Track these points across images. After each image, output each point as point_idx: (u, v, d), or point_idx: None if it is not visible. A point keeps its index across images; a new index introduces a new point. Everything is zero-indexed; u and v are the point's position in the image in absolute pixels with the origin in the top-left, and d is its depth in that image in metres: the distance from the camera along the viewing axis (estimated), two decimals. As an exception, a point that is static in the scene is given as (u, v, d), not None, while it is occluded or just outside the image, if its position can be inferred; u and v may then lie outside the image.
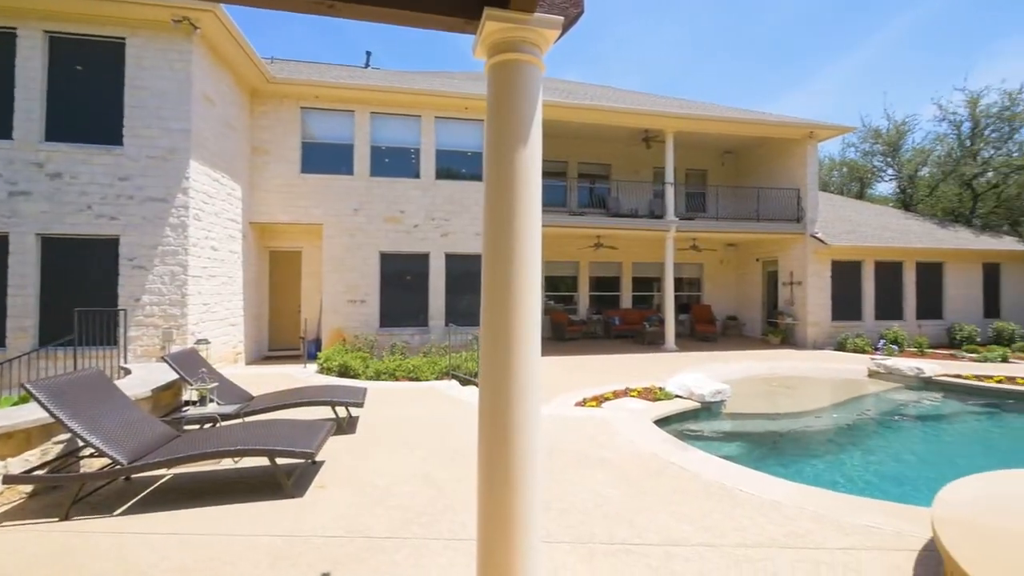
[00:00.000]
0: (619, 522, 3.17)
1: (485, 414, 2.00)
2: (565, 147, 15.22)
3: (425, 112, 11.08)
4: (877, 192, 25.07)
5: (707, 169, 16.41)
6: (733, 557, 2.78)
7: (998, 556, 2.21)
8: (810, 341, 12.66)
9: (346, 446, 4.68)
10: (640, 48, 67.42)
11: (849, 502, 3.53)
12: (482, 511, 1.98)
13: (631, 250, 15.31)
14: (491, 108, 2.11)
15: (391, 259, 10.91)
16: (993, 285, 14.12)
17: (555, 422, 5.59)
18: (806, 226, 13.00)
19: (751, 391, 8.43)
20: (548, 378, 8.49)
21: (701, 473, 3.96)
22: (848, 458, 5.82)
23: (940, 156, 20.30)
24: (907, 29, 48.00)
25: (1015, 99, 17.42)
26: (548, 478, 3.91)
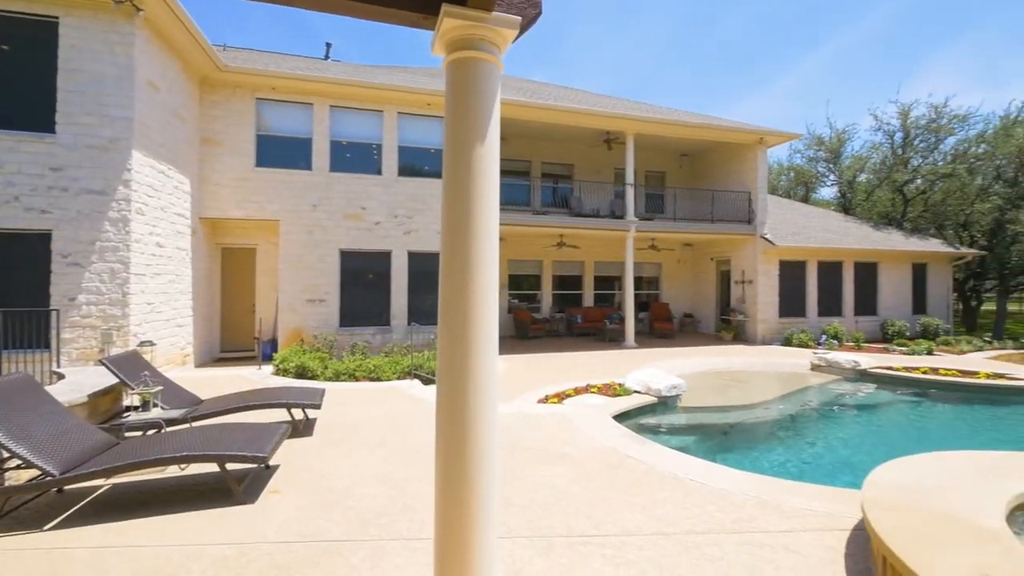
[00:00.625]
0: (578, 515, 3.25)
1: (443, 412, 2.00)
2: (529, 147, 15.32)
3: (387, 107, 10.88)
4: (820, 196, 26.67)
5: (665, 171, 16.93)
6: (684, 544, 2.90)
7: (914, 530, 2.42)
8: (759, 337, 13.32)
9: (302, 449, 4.55)
10: (604, 51, 68.84)
11: (791, 488, 3.75)
12: (439, 510, 1.99)
13: (593, 249, 15.60)
14: (449, 105, 2.11)
15: (352, 257, 10.66)
16: (921, 284, 15.31)
17: (518, 419, 5.64)
18: (756, 227, 13.66)
19: (705, 385, 8.79)
20: (512, 376, 8.54)
21: (656, 465, 4.11)
22: (792, 446, 6.17)
23: (876, 163, 21.82)
24: (850, 43, 51.42)
25: (940, 112, 18.98)
26: (510, 475, 3.95)
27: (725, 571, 2.63)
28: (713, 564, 2.69)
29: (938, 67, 51.77)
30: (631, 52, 68.40)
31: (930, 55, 53.53)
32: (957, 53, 51.79)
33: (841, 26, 57.89)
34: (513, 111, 11.73)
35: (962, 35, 51.39)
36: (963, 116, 18.89)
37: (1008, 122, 17.55)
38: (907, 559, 2.15)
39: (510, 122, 12.78)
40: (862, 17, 54.48)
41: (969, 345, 12.20)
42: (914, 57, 53.66)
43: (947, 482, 2.97)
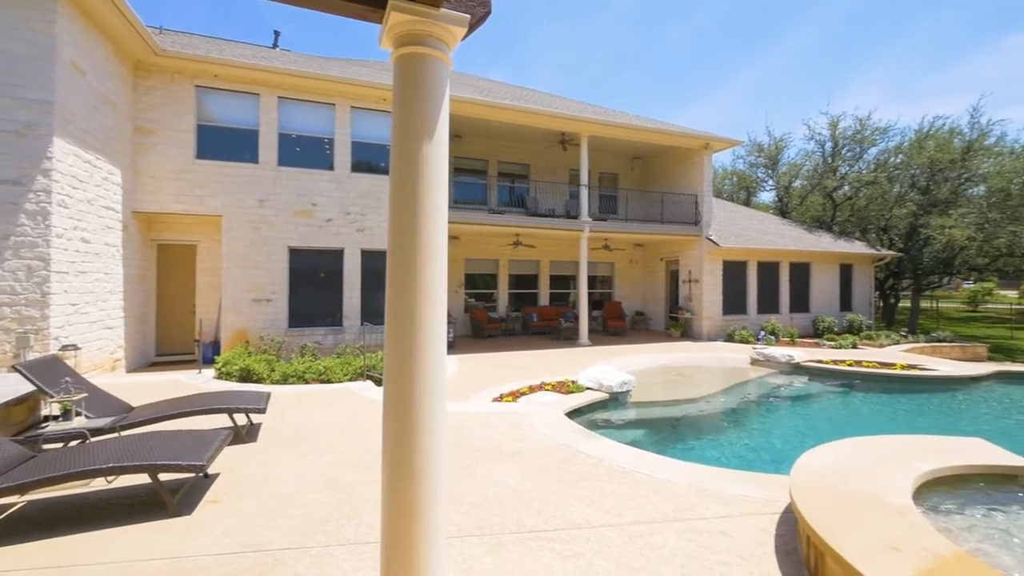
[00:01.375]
0: (528, 511, 3.30)
1: (389, 413, 1.99)
2: (486, 146, 15.31)
3: (340, 101, 10.55)
4: (761, 200, 28.33)
5: (618, 173, 17.41)
6: (629, 534, 3.02)
7: (834, 509, 2.63)
8: (705, 333, 13.98)
9: (245, 455, 4.35)
10: (560, 52, 70.08)
11: (729, 476, 3.98)
12: (386, 512, 1.97)
13: (548, 249, 15.81)
14: (397, 101, 2.09)
15: (301, 255, 10.27)
16: (847, 282, 16.58)
17: (472, 418, 5.65)
18: (702, 229, 14.31)
19: (654, 381, 9.14)
20: (467, 375, 8.53)
21: (605, 459, 4.24)
22: (733, 437, 6.54)
23: (809, 171, 23.44)
24: (788, 57, 54.87)
25: (864, 124, 20.65)
26: (463, 473, 3.95)
27: (667, 558, 2.76)
28: (656, 552, 2.81)
29: (863, 83, 56.36)
30: (586, 55, 70.10)
31: (857, 71, 58.21)
32: (880, 71, 56.49)
33: (780, 41, 61.86)
34: (470, 109, 11.69)
35: (884, 55, 56.09)
36: (884, 128, 20.64)
37: (921, 135, 19.33)
38: (826, 536, 2.35)
39: (467, 120, 12.74)
40: (797, 34, 58.34)
41: (888, 339, 13.34)
42: (844, 73, 58.19)
43: (864, 465, 3.25)
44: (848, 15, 65.75)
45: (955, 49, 58.78)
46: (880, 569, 2.07)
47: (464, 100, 11.26)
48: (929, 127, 19.30)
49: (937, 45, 57.10)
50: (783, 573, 2.62)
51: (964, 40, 60.78)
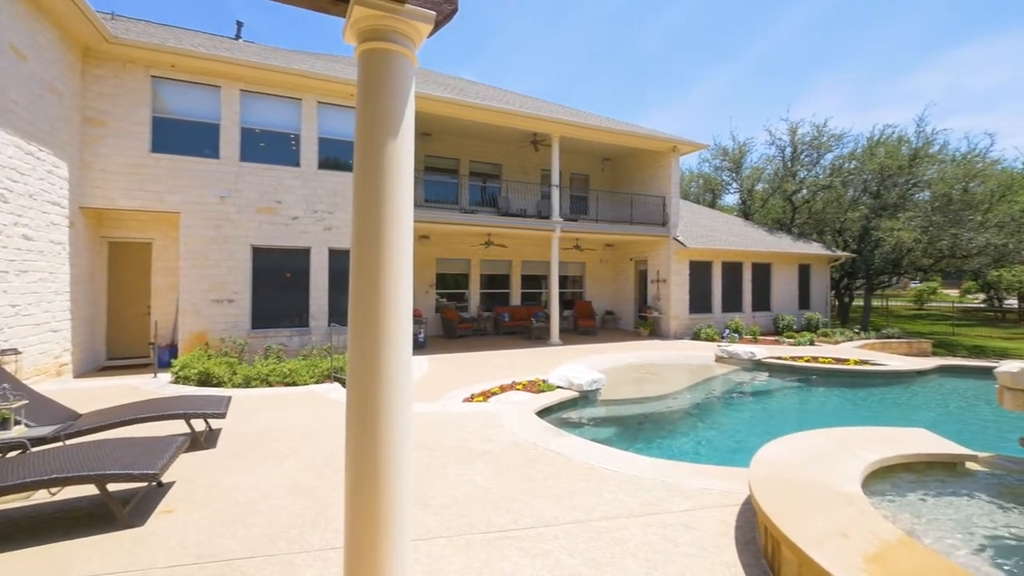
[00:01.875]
0: (497, 510, 3.30)
1: (353, 416, 1.95)
2: (458, 145, 15.22)
3: (306, 96, 10.27)
4: (725, 202, 29.26)
5: (589, 174, 17.63)
6: (596, 530, 3.06)
7: (789, 499, 2.75)
8: (672, 332, 14.33)
9: (204, 462, 4.18)
10: (534, 54, 70.54)
11: (693, 470, 4.09)
12: (349, 516, 1.93)
13: (520, 249, 15.86)
14: (361, 98, 2.06)
15: (266, 254, 9.94)
16: (805, 282, 17.32)
17: (442, 419, 5.61)
18: (670, 230, 14.66)
19: (623, 379, 9.29)
20: (438, 375, 8.46)
21: (574, 457, 4.29)
22: (698, 432, 6.73)
23: (770, 175, 24.39)
24: (750, 65, 56.86)
25: (821, 131, 21.65)
26: (432, 474, 3.91)
27: (632, 552, 2.81)
28: (621, 546, 2.86)
29: (821, 91, 59.11)
30: (557, 57, 71.00)
31: (815, 80, 61.03)
32: (836, 80, 59.34)
33: (745, 49, 64.24)
34: (440, 108, 11.59)
35: (840, 65, 58.94)
36: (839, 135, 21.66)
37: (872, 143, 20.37)
38: (781, 525, 2.44)
39: (438, 119, 12.63)
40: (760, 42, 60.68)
41: (843, 336, 14.01)
42: (803, 81, 60.91)
43: (817, 456, 3.40)
44: (808, 25, 70.29)
45: (905, 61, 63.12)
46: (830, 555, 2.17)
47: (435, 98, 11.16)
48: (880, 135, 20.38)
49: (889, 57, 61.81)
50: (742, 562, 2.72)
51: (913, 53, 65.29)
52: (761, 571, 2.64)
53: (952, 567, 2.15)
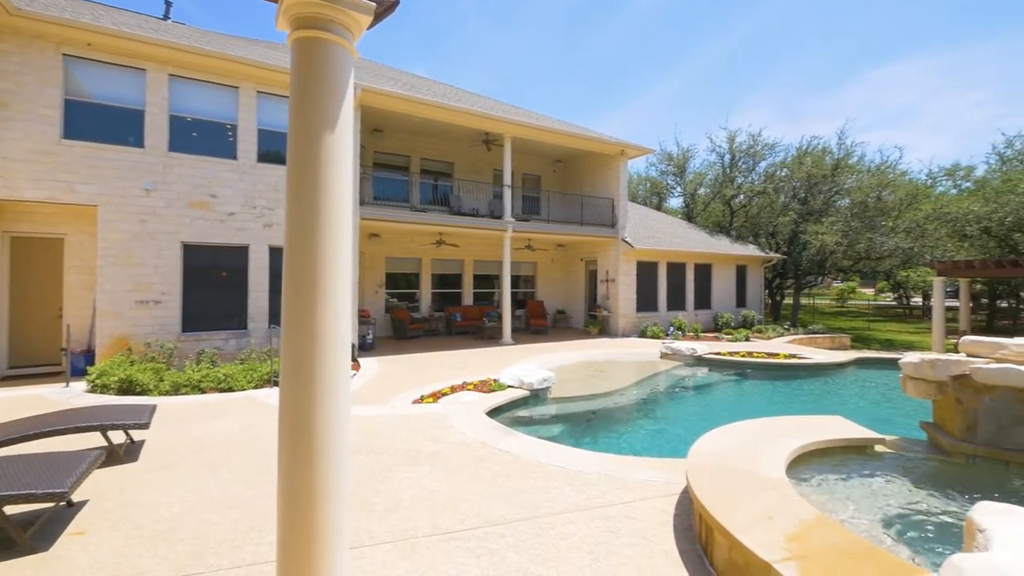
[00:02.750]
0: (444, 512, 3.26)
1: (286, 421, 1.86)
2: (409, 142, 14.94)
3: (244, 84, 9.70)
4: (671, 205, 30.56)
5: (541, 175, 17.84)
6: (542, 526, 3.10)
7: (720, 487, 2.90)
8: (621, 330, 14.78)
9: (123, 478, 3.85)
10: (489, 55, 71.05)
11: (637, 463, 4.24)
12: (283, 526, 1.84)
13: (472, 248, 15.80)
14: (295, 88, 1.97)
15: (198, 252, 9.29)
16: (742, 282, 18.41)
17: (391, 421, 5.48)
18: (619, 231, 15.11)
19: (573, 376, 9.47)
20: (388, 377, 8.26)
21: (522, 455, 4.32)
22: (643, 425, 6.98)
23: (711, 180, 25.74)
24: (695, 74, 59.97)
25: (756, 140, 23.13)
26: (377, 478, 3.81)
27: (576, 545, 2.86)
28: (566, 540, 2.91)
29: (757, 102, 63.47)
30: (512, 58, 71.99)
31: (751, 91, 65.48)
32: (769, 92, 63.79)
33: (688, 59, 67.93)
34: (391, 103, 11.32)
35: (773, 79, 63.44)
36: (771, 145, 23.20)
37: (801, 153, 22.00)
38: (713, 512, 2.57)
39: (388, 115, 12.33)
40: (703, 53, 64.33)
41: (775, 332, 15.01)
42: (741, 91, 65.21)
43: (747, 445, 3.61)
44: (748, 39, 76.82)
45: (830, 77, 69.89)
46: (756, 537, 2.31)
47: (385, 94, 10.89)
48: (807, 146, 22.02)
49: (816, 73, 68.42)
50: (679, 549, 2.84)
51: (837, 70, 72.37)
52: (697, 556, 2.77)
53: (859, 540, 2.35)
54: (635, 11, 77.23)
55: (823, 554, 2.22)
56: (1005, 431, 3.64)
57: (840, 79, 76.18)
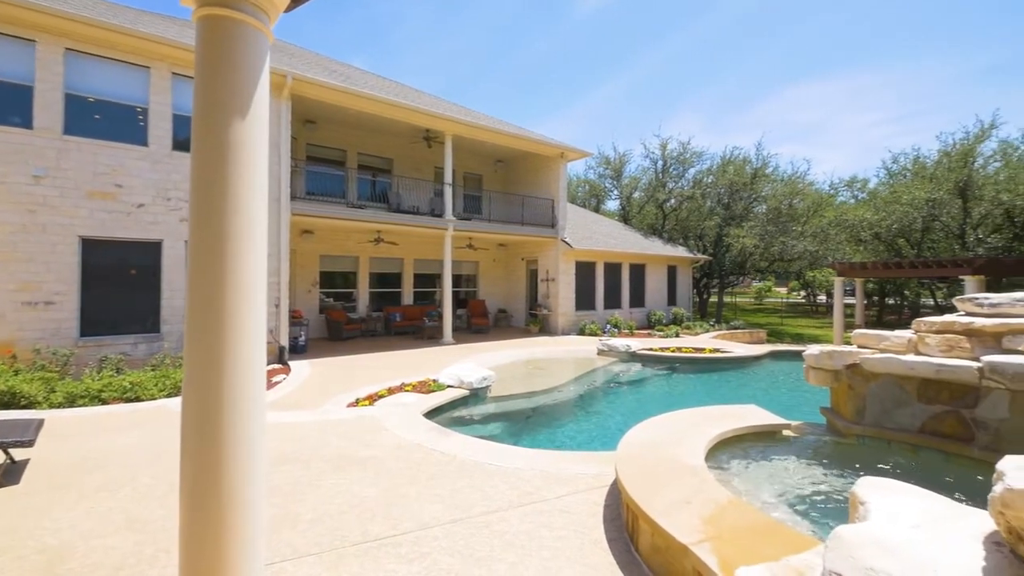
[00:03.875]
0: (375, 518, 3.17)
1: (190, 431, 1.71)
2: (345, 135, 14.35)
3: (158, 64, 8.85)
4: (608, 207, 31.70)
5: (482, 174, 17.83)
6: (476, 525, 3.09)
7: (644, 475, 3.04)
8: (560, 328, 15.12)
9: (1, 503, 3.38)
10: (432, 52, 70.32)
11: (570, 457, 4.35)
12: (186, 548, 1.69)
13: (412, 247, 15.49)
14: (199, 70, 1.82)
15: (101, 247, 8.36)
16: (673, 281, 19.47)
17: (322, 427, 5.23)
18: (558, 232, 15.45)
19: (513, 374, 9.56)
20: (321, 380, 7.90)
21: (458, 455, 4.29)
22: (580, 420, 7.18)
23: (645, 184, 26.98)
24: (632, 82, 62.72)
25: (686, 148, 24.56)
26: (305, 487, 3.62)
27: (510, 542, 2.89)
28: (500, 538, 2.93)
29: (687, 112, 67.61)
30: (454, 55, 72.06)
31: (682, 102, 69.69)
32: (698, 104, 68.15)
33: (627, 68, 71.29)
34: (327, 95, 10.82)
35: (701, 91, 67.84)
36: (699, 153, 24.72)
37: (724, 161, 23.65)
38: (637, 500, 2.69)
39: (324, 106, 11.77)
40: (640, 62, 67.73)
41: (701, 328, 16.01)
42: (673, 102, 69.27)
43: (671, 435, 3.82)
44: (681, 54, 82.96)
45: (750, 93, 76.52)
46: (675, 521, 2.45)
47: (318, 83, 10.39)
48: (730, 155, 23.69)
49: (738, 88, 75.15)
50: (608, 537, 2.95)
51: (756, 87, 79.25)
52: (624, 544, 2.89)
53: (766, 518, 2.56)
54: (575, 19, 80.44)
55: (734, 533, 2.39)
56: (888, 413, 4.11)
57: (758, 96, 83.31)
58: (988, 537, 1.58)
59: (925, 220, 17.85)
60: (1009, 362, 3.37)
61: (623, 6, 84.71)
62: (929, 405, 3.90)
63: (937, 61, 79.09)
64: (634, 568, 2.65)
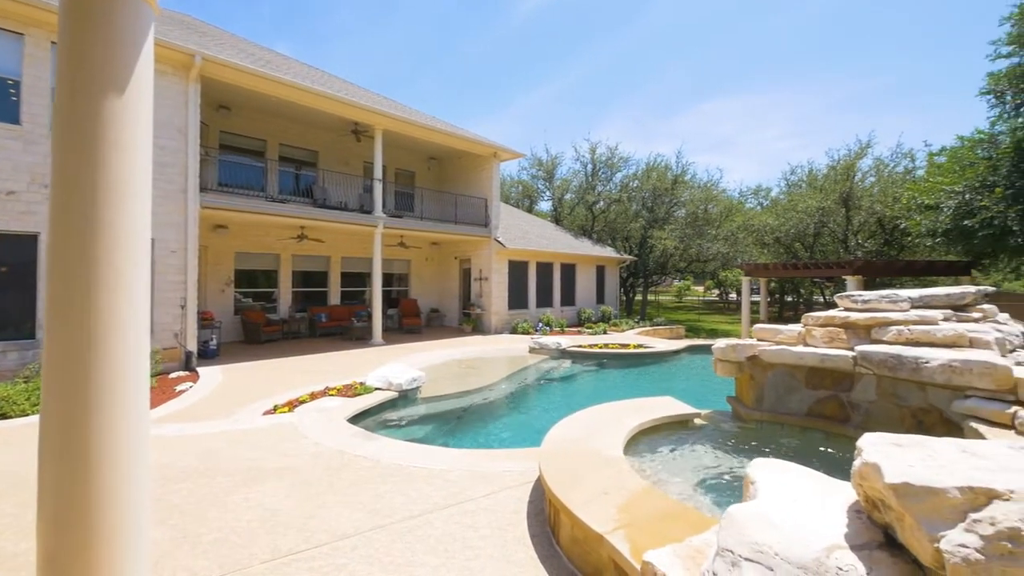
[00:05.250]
0: (288, 532, 2.98)
1: (50, 452, 1.50)
2: (265, 124, 13.40)
3: (33, 31, 7.71)
4: (541, 208, 32.37)
5: (415, 171, 17.45)
6: (399, 531, 3.01)
7: (565, 469, 3.13)
8: (494, 327, 15.19)
9: None
10: (364, 46, 68.00)
11: (498, 455, 4.37)
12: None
13: (340, 244, 14.81)
14: (63, 37, 1.60)
15: (-45, 239, 7.15)
16: (601, 280, 20.29)
17: (232, 437, 4.84)
18: (491, 231, 15.50)
19: (445, 374, 9.45)
20: (236, 387, 7.31)
21: (383, 460, 4.15)
22: (512, 417, 7.25)
23: (576, 186, 27.87)
24: (565, 86, 64.55)
25: (613, 153, 25.70)
26: (209, 505, 3.32)
27: (432, 547, 2.84)
28: (423, 543, 2.87)
29: (615, 119, 71.06)
30: (388, 49, 70.69)
31: (611, 107, 73.20)
32: (625, 112, 71.82)
33: (559, 73, 73.65)
34: (244, 79, 10.04)
35: (629, 99, 71.56)
36: (626, 158, 25.97)
37: (649, 167, 25.03)
38: (557, 493, 2.76)
39: (239, 91, 10.90)
40: (573, 69, 70.20)
41: (627, 325, 16.82)
42: (602, 107, 72.57)
43: (593, 429, 3.96)
44: (609, 62, 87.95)
45: (672, 105, 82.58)
46: (592, 512, 2.54)
47: (233, 66, 9.60)
48: (653, 161, 25.09)
49: (661, 100, 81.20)
50: (531, 533, 2.99)
51: (677, 100, 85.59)
52: (546, 538, 2.95)
53: (676, 503, 2.73)
54: (511, 23, 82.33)
55: (647, 520, 2.52)
56: (782, 399, 4.56)
57: (679, 107, 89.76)
58: (851, 506, 1.79)
59: (816, 226, 20.06)
60: (876, 351, 3.86)
61: (557, 11, 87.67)
62: (815, 391, 4.38)
63: (824, 87, 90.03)
64: (555, 561, 2.71)
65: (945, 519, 1.40)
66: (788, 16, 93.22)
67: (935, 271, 13.62)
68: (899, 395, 3.82)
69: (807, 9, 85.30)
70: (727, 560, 1.69)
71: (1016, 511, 1.35)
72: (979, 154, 12.15)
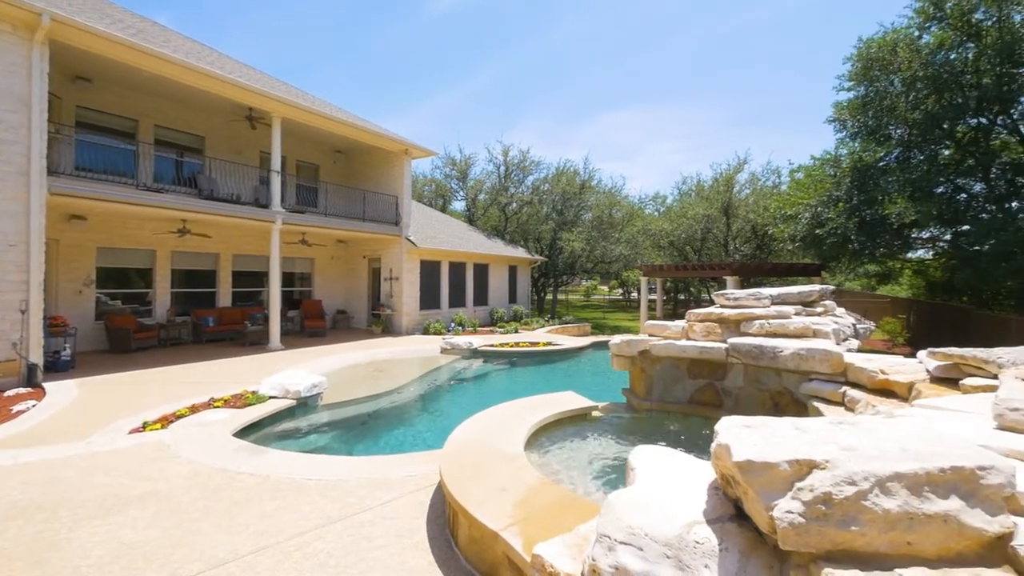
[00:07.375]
0: (150, 567, 2.63)
1: None
2: (138, 103, 11.74)
3: None
4: (455, 208, 32.20)
5: (319, 164, 16.40)
6: (286, 550, 2.80)
7: (464, 468, 3.14)
8: (405, 328, 14.79)
9: None
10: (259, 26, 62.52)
11: (399, 460, 4.25)
12: None
13: (231, 240, 13.46)
14: None
15: None
16: (513, 280, 20.69)
17: (86, 461, 4.17)
18: (403, 229, 15.07)
19: (350, 378, 9.01)
20: (96, 403, 6.30)
21: (272, 475, 3.84)
22: (421, 419, 7.10)
23: (489, 187, 28.15)
24: (478, 86, 64.89)
25: (526, 156, 26.39)
26: (47, 543, 2.82)
27: (323, 562, 2.68)
28: (312, 560, 2.70)
29: (528, 121, 73.10)
30: (283, 36, 66.26)
31: (524, 111, 75.16)
32: (536, 118, 74.31)
33: (472, 72, 74.08)
34: (107, 47, 8.71)
35: (539, 106, 74.07)
36: (537, 162, 26.77)
37: (559, 172, 26.05)
38: (455, 493, 2.76)
39: (103, 61, 9.41)
40: (485, 71, 70.92)
41: (538, 324, 17.33)
42: (514, 111, 74.20)
43: (495, 427, 4.02)
44: (521, 67, 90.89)
45: (577, 115, 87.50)
46: (489, 510, 2.57)
47: (93, 32, 8.27)
48: (563, 166, 26.15)
49: (571, 108, 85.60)
50: (430, 537, 2.95)
51: (581, 111, 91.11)
52: (445, 541, 2.93)
53: (569, 494, 2.86)
54: (423, 20, 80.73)
55: (541, 513, 2.60)
56: (669, 389, 4.99)
57: (585, 116, 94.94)
58: (711, 484, 2.00)
59: (703, 231, 22.33)
60: (743, 342, 4.37)
61: (471, 12, 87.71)
62: (695, 380, 4.84)
63: (712, 105, 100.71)
64: (452, 563, 2.70)
65: (778, 490, 1.61)
66: (683, 40, 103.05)
67: (794, 272, 15.82)
68: (761, 381, 4.37)
69: (699, 33, 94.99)
70: (604, 545, 1.80)
71: (829, 478, 1.59)
72: (827, 172, 14.35)
